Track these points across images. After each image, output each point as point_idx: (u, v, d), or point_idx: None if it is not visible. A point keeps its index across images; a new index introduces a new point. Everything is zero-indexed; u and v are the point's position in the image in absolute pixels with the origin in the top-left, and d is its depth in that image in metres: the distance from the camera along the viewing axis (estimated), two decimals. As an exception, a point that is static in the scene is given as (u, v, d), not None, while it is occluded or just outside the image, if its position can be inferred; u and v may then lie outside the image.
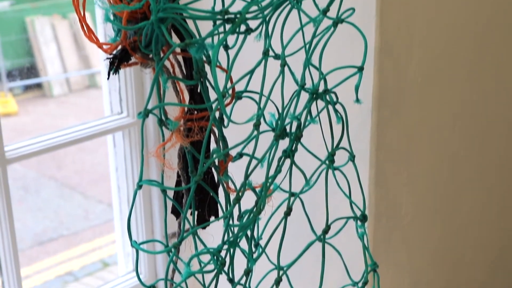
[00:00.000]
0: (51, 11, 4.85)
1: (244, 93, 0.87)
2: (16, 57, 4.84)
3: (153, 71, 0.79)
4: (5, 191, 1.28)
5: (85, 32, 0.79)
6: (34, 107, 4.74)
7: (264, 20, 0.80)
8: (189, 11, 0.74)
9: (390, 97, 1.16)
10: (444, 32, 1.26)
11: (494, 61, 1.41)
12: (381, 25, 1.10)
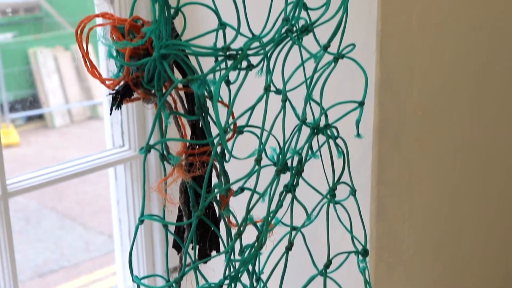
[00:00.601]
0: (54, 43, 4.88)
1: (246, 128, 0.88)
2: (19, 88, 4.87)
3: (155, 107, 0.80)
4: (6, 224, 1.29)
5: (88, 68, 0.80)
6: (36, 138, 4.75)
7: (265, 56, 0.81)
8: (191, 47, 0.75)
9: (391, 131, 1.17)
10: (444, 66, 1.26)
11: (494, 95, 1.42)
12: (381, 59, 1.11)
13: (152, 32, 0.74)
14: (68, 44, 4.87)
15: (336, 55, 0.86)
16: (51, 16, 4.70)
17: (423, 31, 1.19)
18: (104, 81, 0.80)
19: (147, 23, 0.78)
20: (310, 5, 0.86)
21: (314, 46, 0.85)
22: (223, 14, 0.86)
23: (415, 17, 1.16)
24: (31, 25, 4.77)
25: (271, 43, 0.79)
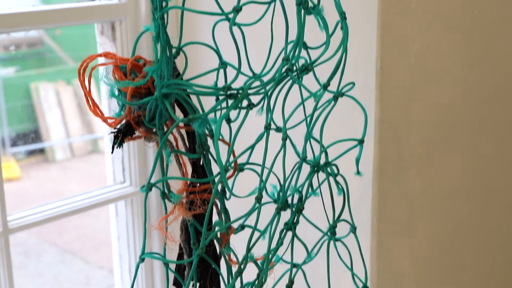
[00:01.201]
0: (56, 77, 4.91)
1: (246, 165, 0.88)
2: (20, 122, 4.88)
3: (157, 145, 0.80)
4: (7, 260, 1.29)
5: (90, 107, 0.81)
6: (37, 172, 4.75)
7: (266, 95, 0.81)
8: (193, 87, 0.76)
9: (391, 168, 1.17)
10: (443, 103, 1.27)
11: (493, 131, 1.43)
12: (381, 97, 1.12)
13: (154, 72, 0.75)
14: (70, 78, 4.90)
15: (336, 93, 0.86)
16: (53, 51, 4.73)
17: (422, 69, 1.20)
18: (106, 119, 0.81)
19: (149, 63, 0.79)
20: (310, 44, 0.87)
21: (314, 83, 0.85)
22: (224, 52, 0.87)
23: (414, 55, 1.17)
24: (33, 59, 4.79)
25: (272, 82, 0.80)
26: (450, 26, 1.24)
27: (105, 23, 1.32)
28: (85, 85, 0.80)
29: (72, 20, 1.26)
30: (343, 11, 0.83)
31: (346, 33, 0.83)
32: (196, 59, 1.23)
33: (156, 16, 0.75)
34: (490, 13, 1.32)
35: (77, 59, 4.68)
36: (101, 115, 0.81)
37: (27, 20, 1.20)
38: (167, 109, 0.76)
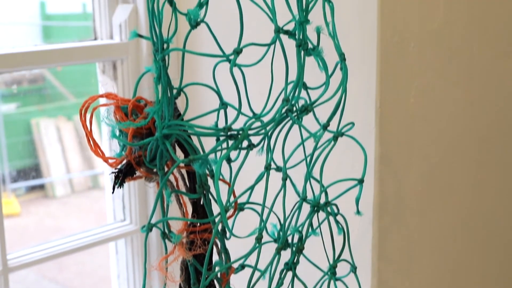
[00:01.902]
0: (56, 113, 4.93)
1: (247, 205, 0.89)
2: (20, 158, 4.89)
3: (157, 185, 0.81)
4: (6, 298, 1.28)
5: (91, 147, 0.81)
6: (37, 208, 4.74)
7: (266, 136, 0.82)
8: (194, 128, 0.77)
9: (391, 207, 1.17)
10: (443, 141, 1.28)
11: (493, 168, 1.43)
12: (380, 136, 1.12)
13: (155, 113, 0.76)
14: (71, 114, 4.92)
15: (336, 133, 0.87)
16: (54, 87, 4.76)
17: (422, 107, 1.21)
18: (107, 159, 0.81)
19: (150, 103, 0.80)
20: (310, 84, 0.88)
21: (314, 123, 0.86)
22: (224, 91, 0.87)
23: (413, 93, 1.18)
24: (34, 96, 4.82)
25: (272, 123, 0.80)
26: (449, 65, 1.25)
27: (107, 62, 1.33)
28: (86, 125, 0.81)
29: (74, 59, 1.27)
30: (342, 52, 0.84)
31: (345, 74, 0.84)
32: (196, 99, 1.24)
33: (157, 57, 0.75)
34: (488, 51, 1.34)
35: (78, 95, 4.70)
36: (102, 155, 0.81)
37: (30, 59, 1.21)
38: (168, 150, 0.76)
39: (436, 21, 1.20)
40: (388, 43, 1.11)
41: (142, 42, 1.33)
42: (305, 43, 0.82)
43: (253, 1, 0.81)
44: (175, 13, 0.77)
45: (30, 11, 4.90)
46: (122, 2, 1.33)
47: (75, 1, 4.67)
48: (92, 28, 1.37)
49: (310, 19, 0.83)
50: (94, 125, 0.83)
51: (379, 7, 1.08)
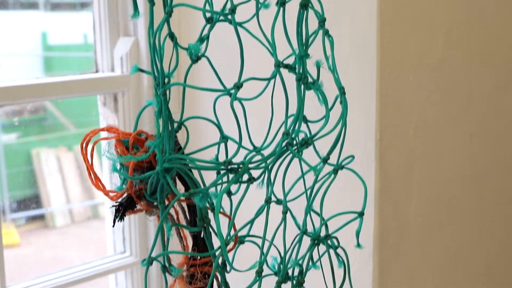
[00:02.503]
0: (57, 143, 4.93)
1: (247, 238, 0.89)
2: (20, 188, 4.88)
3: (158, 219, 0.81)
4: (5, 331, 1.27)
5: (92, 180, 0.82)
6: (36, 238, 4.73)
7: (266, 169, 0.82)
8: (194, 162, 0.77)
9: (391, 239, 1.17)
10: (443, 174, 1.28)
11: (493, 200, 1.43)
12: (380, 168, 1.12)
13: (156, 147, 0.76)
14: (71, 144, 4.92)
15: (336, 166, 0.87)
16: (55, 118, 4.77)
17: (421, 140, 1.21)
18: (107, 193, 0.82)
19: (151, 137, 0.81)
20: (310, 117, 0.88)
21: (314, 155, 0.86)
22: (224, 124, 0.88)
23: (413, 126, 1.19)
24: (35, 126, 4.83)
25: (272, 157, 0.81)
26: (448, 98, 1.26)
27: (108, 95, 1.34)
28: (87, 159, 0.81)
29: (76, 92, 1.27)
30: (342, 86, 0.85)
31: (345, 108, 0.84)
32: (197, 132, 1.24)
33: (158, 92, 0.76)
34: (487, 84, 1.34)
35: (78, 126, 4.71)
36: (103, 188, 0.82)
37: (31, 92, 1.21)
38: (168, 184, 0.77)
39: (435, 55, 1.21)
40: (388, 76, 1.12)
41: (143, 75, 1.34)
42: (305, 77, 0.82)
43: (253, 36, 0.82)
44: (176, 48, 0.78)
45: (32, 41, 4.94)
46: (123, 35, 1.34)
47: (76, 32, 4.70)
48: (93, 60, 1.38)
49: (310, 53, 0.84)
50: (95, 157, 0.83)
51: (378, 41, 1.09)
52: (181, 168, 0.77)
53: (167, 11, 0.74)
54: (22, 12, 4.70)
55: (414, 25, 1.17)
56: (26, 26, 4.75)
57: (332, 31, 0.86)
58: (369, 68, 1.11)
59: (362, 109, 1.13)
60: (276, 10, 0.82)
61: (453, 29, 1.24)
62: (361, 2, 1.11)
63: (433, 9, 1.20)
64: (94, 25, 1.36)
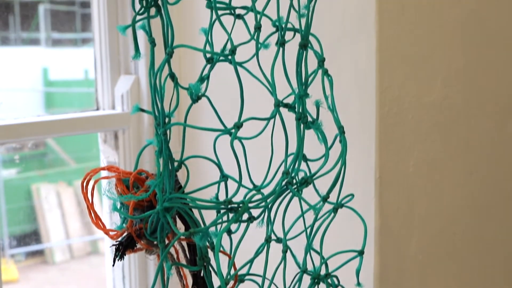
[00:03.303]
0: (57, 179, 4.93)
1: (247, 277, 0.89)
2: (20, 223, 4.87)
3: (158, 258, 0.81)
4: None
5: (92, 219, 0.82)
6: (35, 274, 4.70)
7: (266, 208, 0.82)
8: (195, 201, 0.77)
9: (392, 277, 1.17)
10: (443, 211, 1.28)
11: (495, 239, 1.43)
12: (380, 206, 1.13)
13: (156, 186, 0.76)
14: (71, 180, 4.92)
15: (336, 205, 0.87)
16: (55, 153, 4.78)
17: (421, 177, 1.22)
18: (108, 232, 0.82)
19: (151, 176, 0.81)
20: (309, 156, 0.88)
21: (314, 193, 0.87)
22: (224, 162, 0.88)
23: (413, 163, 1.19)
24: (35, 161, 4.83)
25: (272, 195, 0.81)
26: (448, 136, 1.26)
27: (108, 132, 1.35)
28: (88, 198, 0.81)
29: (76, 130, 1.28)
30: (341, 125, 0.85)
31: (344, 147, 0.85)
32: (197, 171, 1.24)
33: (159, 132, 0.77)
34: (486, 122, 1.35)
35: (78, 161, 4.71)
36: (103, 227, 0.82)
37: (32, 130, 1.22)
38: (168, 223, 0.77)
39: (434, 93, 1.21)
40: (387, 114, 1.12)
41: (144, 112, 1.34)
42: (305, 117, 0.83)
43: (253, 75, 0.82)
44: (176, 88, 0.79)
45: (33, 77, 4.96)
46: (124, 73, 1.35)
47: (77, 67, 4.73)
48: (94, 96, 1.38)
49: (310, 92, 0.84)
50: (95, 194, 0.83)
51: (377, 80, 1.10)
52: (182, 208, 0.77)
53: (168, 52, 0.75)
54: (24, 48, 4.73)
55: (413, 64, 1.18)
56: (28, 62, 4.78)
57: (331, 69, 0.86)
58: (368, 106, 1.11)
59: (362, 147, 1.13)
60: (275, 50, 0.83)
61: (451, 67, 1.25)
62: (360, 40, 1.12)
63: (431, 48, 1.21)
64: (95, 63, 1.37)
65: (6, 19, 3.83)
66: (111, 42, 1.34)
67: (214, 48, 0.83)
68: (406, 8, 1.15)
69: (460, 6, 1.26)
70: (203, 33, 0.83)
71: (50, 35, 4.73)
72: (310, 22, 0.84)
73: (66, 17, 4.78)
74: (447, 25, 1.24)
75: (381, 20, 1.10)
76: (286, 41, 0.83)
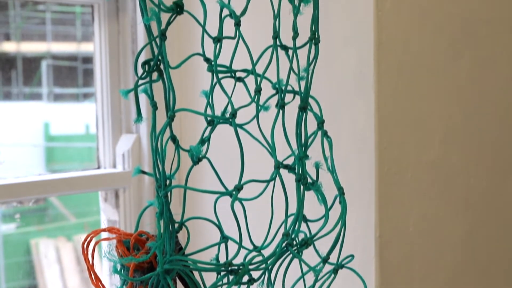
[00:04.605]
0: (56, 234, 4.91)
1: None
2: (18, 279, 4.83)
3: (158, 320, 0.80)
4: None
5: (92, 281, 0.82)
6: (33, 330, 4.64)
7: (267, 270, 0.82)
8: (195, 263, 0.77)
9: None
10: (444, 268, 1.28)
11: (496, 279, 1.42)
12: (380, 266, 1.12)
13: (157, 248, 0.76)
14: (71, 235, 4.90)
15: (336, 266, 0.87)
16: (55, 207, 4.77)
17: (421, 236, 1.22)
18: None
19: (152, 237, 0.81)
20: (309, 216, 0.89)
21: (314, 253, 0.86)
22: (225, 223, 0.88)
23: (412, 222, 1.19)
24: (35, 216, 4.82)
25: (272, 257, 0.81)
26: (447, 194, 1.27)
27: (109, 191, 1.35)
28: (88, 259, 0.81)
29: (77, 188, 1.29)
30: (341, 186, 0.86)
31: (344, 208, 0.85)
32: (198, 232, 1.25)
33: (160, 194, 0.77)
34: (484, 180, 1.36)
35: (78, 216, 4.70)
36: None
37: (33, 189, 1.23)
38: (169, 285, 0.77)
39: (433, 152, 1.22)
40: (386, 173, 1.13)
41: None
42: (305, 178, 0.83)
43: (253, 137, 0.83)
44: (177, 150, 0.79)
45: (34, 132, 4.98)
46: (125, 131, 1.36)
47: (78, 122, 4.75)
48: (95, 154, 1.39)
49: (309, 153, 0.85)
50: (95, 254, 0.83)
51: (376, 139, 1.11)
52: (182, 270, 0.77)
53: (170, 116, 0.76)
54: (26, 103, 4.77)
55: (411, 123, 1.19)
56: (29, 117, 4.80)
57: (331, 130, 0.87)
58: (368, 166, 1.12)
59: (362, 206, 1.13)
60: (275, 112, 0.84)
61: (449, 126, 1.26)
62: (359, 101, 1.13)
63: (429, 107, 1.23)
64: (97, 121, 1.38)
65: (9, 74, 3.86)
66: (113, 100, 1.36)
67: (215, 109, 0.84)
68: (404, 68, 1.17)
69: (457, 65, 1.28)
70: (204, 95, 0.84)
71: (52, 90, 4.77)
72: (309, 84, 0.85)
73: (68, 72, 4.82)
74: (445, 84, 1.26)
75: (379, 80, 1.11)
76: (286, 103, 0.84)
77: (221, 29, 0.82)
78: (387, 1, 1.13)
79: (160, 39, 0.75)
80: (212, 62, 0.81)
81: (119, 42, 1.36)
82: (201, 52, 0.85)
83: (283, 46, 0.86)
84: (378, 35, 1.11)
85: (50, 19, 2.91)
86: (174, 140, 0.79)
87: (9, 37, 2.71)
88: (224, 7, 0.82)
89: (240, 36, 0.83)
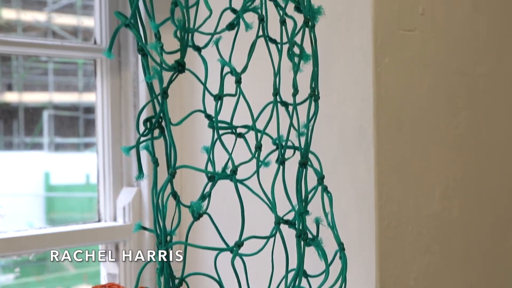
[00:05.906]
0: (55, 284, 4.86)
1: None
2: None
3: None
4: None
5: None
6: None
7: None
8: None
9: None
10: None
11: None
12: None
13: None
14: (70, 285, 4.85)
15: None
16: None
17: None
18: None
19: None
20: (310, 271, 0.88)
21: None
22: (225, 278, 0.88)
23: (413, 276, 1.19)
24: (34, 266, 4.78)
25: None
26: (447, 248, 1.27)
27: (109, 244, 1.35)
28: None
29: (78, 242, 1.29)
30: (341, 242, 0.86)
31: (345, 264, 0.85)
32: (198, 286, 1.24)
33: (160, 249, 0.77)
34: (484, 234, 1.35)
35: (78, 266, 4.66)
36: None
37: (33, 243, 1.23)
38: None
39: (433, 206, 1.23)
40: (386, 227, 1.13)
41: (144, 224, 1.35)
42: (305, 234, 0.83)
43: (254, 193, 0.83)
44: (178, 206, 0.80)
45: (35, 182, 4.97)
46: (126, 185, 1.36)
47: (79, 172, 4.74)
48: (95, 205, 1.39)
49: (310, 209, 0.85)
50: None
51: (376, 194, 1.11)
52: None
53: (171, 173, 0.77)
54: (26, 153, 4.77)
55: (411, 177, 1.19)
56: (30, 167, 4.79)
57: (331, 185, 0.88)
58: (368, 221, 1.12)
59: (362, 261, 1.13)
60: (276, 167, 0.84)
61: (449, 179, 1.26)
62: (359, 156, 1.14)
63: (429, 161, 1.23)
64: (98, 174, 1.39)
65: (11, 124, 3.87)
66: (114, 153, 1.36)
67: (215, 165, 0.84)
68: (403, 123, 1.18)
69: (456, 120, 1.29)
70: (205, 151, 0.85)
71: (53, 139, 4.77)
72: (309, 140, 0.86)
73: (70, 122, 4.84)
74: (444, 138, 1.27)
75: (378, 136, 1.12)
76: (286, 159, 0.85)
77: (222, 87, 0.83)
78: (386, 56, 1.15)
79: (162, 97, 0.76)
80: (213, 119, 0.82)
81: (121, 95, 1.37)
82: (202, 108, 0.85)
83: (283, 102, 0.87)
84: (377, 90, 1.12)
85: (52, 69, 2.94)
86: (175, 196, 0.79)
87: (11, 88, 2.73)
88: (225, 65, 0.83)
89: (241, 93, 0.84)
